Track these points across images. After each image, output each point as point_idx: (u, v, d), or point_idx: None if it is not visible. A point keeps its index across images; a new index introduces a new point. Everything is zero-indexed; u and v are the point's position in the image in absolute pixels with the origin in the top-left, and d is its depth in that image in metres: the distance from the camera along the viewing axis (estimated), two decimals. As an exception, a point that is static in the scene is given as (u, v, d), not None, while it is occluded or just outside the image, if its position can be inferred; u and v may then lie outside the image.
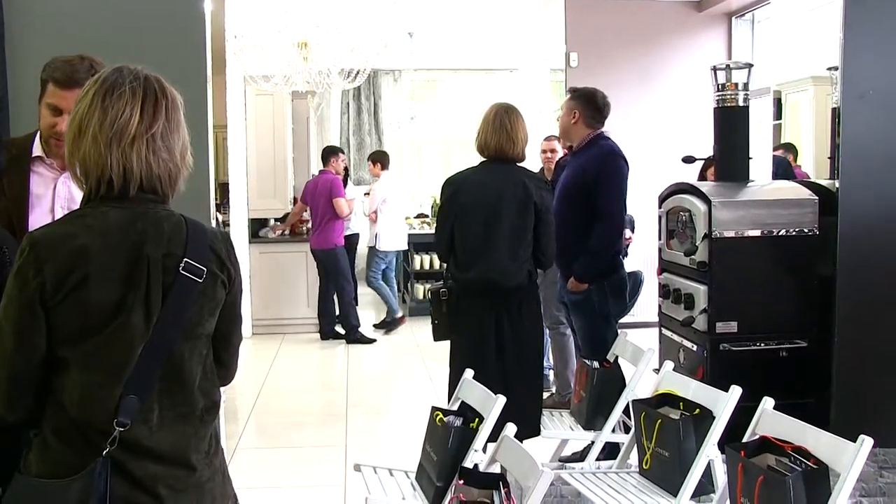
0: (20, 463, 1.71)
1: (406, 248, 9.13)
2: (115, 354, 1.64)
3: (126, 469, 1.64)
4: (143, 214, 1.69)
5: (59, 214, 2.36)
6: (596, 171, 4.19)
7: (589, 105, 4.32)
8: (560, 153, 5.86)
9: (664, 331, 4.23)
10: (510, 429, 2.64)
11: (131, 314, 1.64)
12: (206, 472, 1.75)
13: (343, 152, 8.73)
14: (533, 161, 6.38)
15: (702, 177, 5.89)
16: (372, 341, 7.97)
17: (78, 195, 2.39)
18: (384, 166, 8.54)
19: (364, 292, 9.00)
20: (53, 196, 2.47)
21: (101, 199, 1.68)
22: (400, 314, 8.59)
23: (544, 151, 6.22)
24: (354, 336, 7.93)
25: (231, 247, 1.80)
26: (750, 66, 4.10)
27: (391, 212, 8.49)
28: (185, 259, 1.68)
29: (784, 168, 5.10)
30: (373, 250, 8.51)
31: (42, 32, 3.56)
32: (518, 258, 3.80)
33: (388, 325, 8.47)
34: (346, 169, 8.67)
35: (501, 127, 3.82)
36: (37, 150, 2.48)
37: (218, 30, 4.03)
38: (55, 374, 1.66)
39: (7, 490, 1.69)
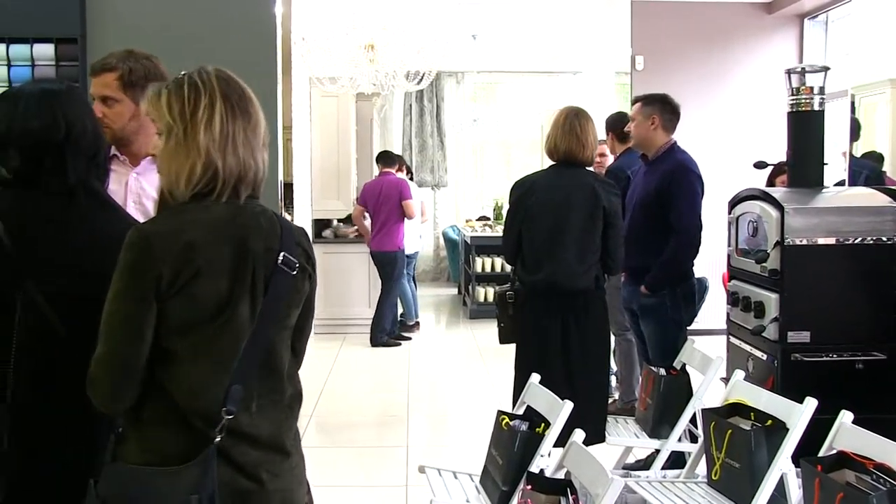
0: (103, 454, 1.76)
1: (418, 251, 9.05)
2: (224, 345, 1.70)
3: (230, 455, 1.70)
4: (242, 209, 1.76)
5: (130, 209, 2.43)
6: (671, 184, 4.19)
7: (666, 110, 4.33)
8: (610, 158, 5.80)
9: (732, 339, 4.15)
10: (578, 434, 2.61)
11: (238, 307, 1.71)
12: (296, 458, 1.84)
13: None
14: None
15: (770, 183, 5.76)
16: (400, 343, 7.99)
17: (150, 190, 2.46)
18: (399, 169, 8.59)
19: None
20: (126, 191, 2.54)
21: (201, 196, 1.73)
22: (415, 320, 8.62)
23: (602, 155, 6.16)
24: (382, 340, 7.96)
25: (310, 242, 1.89)
26: (826, 69, 3.99)
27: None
28: (283, 253, 1.75)
29: (874, 173, 4.93)
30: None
31: (119, 35, 3.65)
32: (585, 262, 3.78)
33: (404, 328, 8.50)
34: (410, 171, 8.71)
35: (571, 130, 3.82)
36: (112, 148, 2.55)
37: (285, 32, 4.08)
38: (161, 365, 1.70)
39: (101, 481, 1.72)
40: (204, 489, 1.64)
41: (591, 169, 3.92)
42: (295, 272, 1.77)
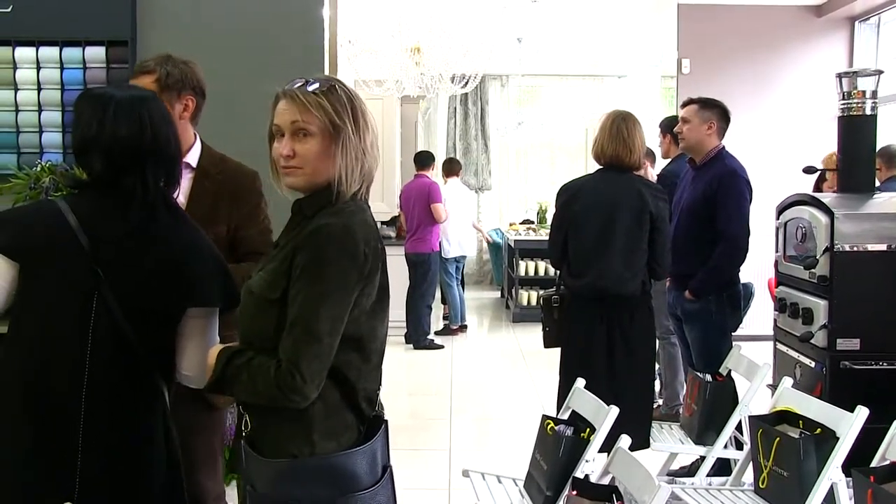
0: (264, 447, 1.83)
1: (469, 254, 9.02)
2: (383, 329, 1.91)
3: None
4: (366, 209, 1.91)
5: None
6: (720, 190, 4.16)
7: (724, 117, 4.35)
8: (650, 171, 5.79)
9: (779, 345, 4.10)
10: (624, 440, 2.60)
11: (386, 293, 1.90)
12: None
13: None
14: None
15: (817, 188, 5.69)
16: (440, 347, 7.97)
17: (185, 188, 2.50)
18: (450, 173, 8.64)
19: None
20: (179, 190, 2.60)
21: (351, 197, 1.86)
22: (461, 324, 8.61)
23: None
24: (424, 342, 7.95)
25: None
26: (879, 72, 3.93)
27: (455, 218, 8.41)
28: (384, 248, 1.90)
29: None
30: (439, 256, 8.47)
31: (169, 37, 3.72)
32: (632, 266, 3.77)
33: (447, 331, 8.50)
34: (454, 172, 8.73)
35: (618, 134, 3.81)
36: None
37: (332, 34, 4.12)
38: (342, 351, 1.80)
39: (267, 481, 1.80)
40: (388, 458, 1.90)
41: (640, 173, 3.90)
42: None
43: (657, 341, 5.27)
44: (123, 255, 1.94)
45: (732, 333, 4.32)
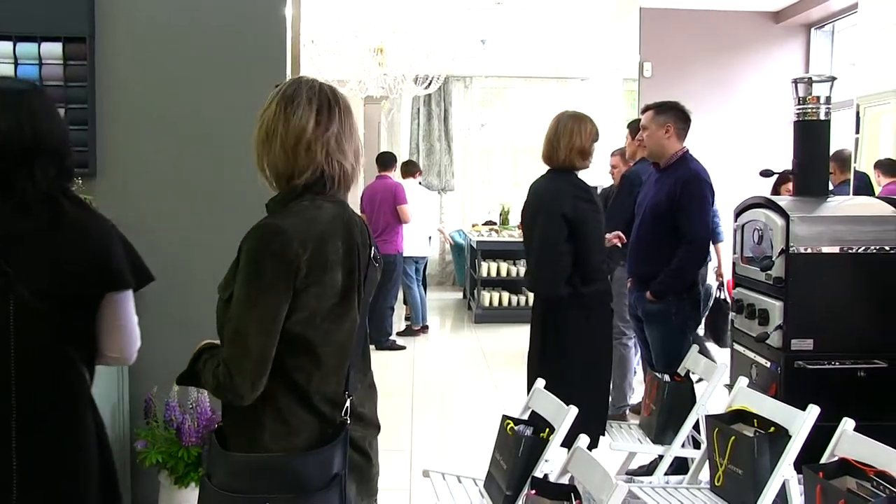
0: (226, 442, 1.87)
1: (428, 255, 8.97)
2: (345, 333, 1.86)
3: (349, 434, 1.87)
4: (343, 207, 1.91)
5: None
6: (683, 193, 4.21)
7: (680, 118, 4.35)
8: (621, 168, 5.82)
9: (736, 346, 4.16)
10: (583, 440, 2.63)
11: (352, 296, 1.86)
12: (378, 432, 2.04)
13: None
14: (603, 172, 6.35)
15: (775, 192, 5.79)
16: (402, 348, 7.97)
17: None
18: (408, 174, 8.65)
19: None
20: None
21: (314, 195, 1.87)
22: (422, 325, 8.62)
23: (613, 166, 6.19)
24: (386, 343, 7.94)
25: None
26: (833, 78, 4.01)
27: (413, 219, 8.36)
28: (372, 247, 1.94)
29: (866, 184, 4.96)
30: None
31: (128, 35, 3.69)
32: (546, 267, 3.78)
33: (409, 332, 8.51)
34: (414, 173, 8.74)
35: (554, 135, 3.86)
36: None
37: (295, 34, 4.10)
38: (292, 354, 1.81)
39: (222, 474, 1.83)
40: (343, 467, 1.83)
41: (577, 173, 3.90)
42: (378, 265, 1.96)
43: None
44: (34, 250, 1.87)
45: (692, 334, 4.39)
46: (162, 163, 3.69)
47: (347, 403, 1.85)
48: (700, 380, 3.96)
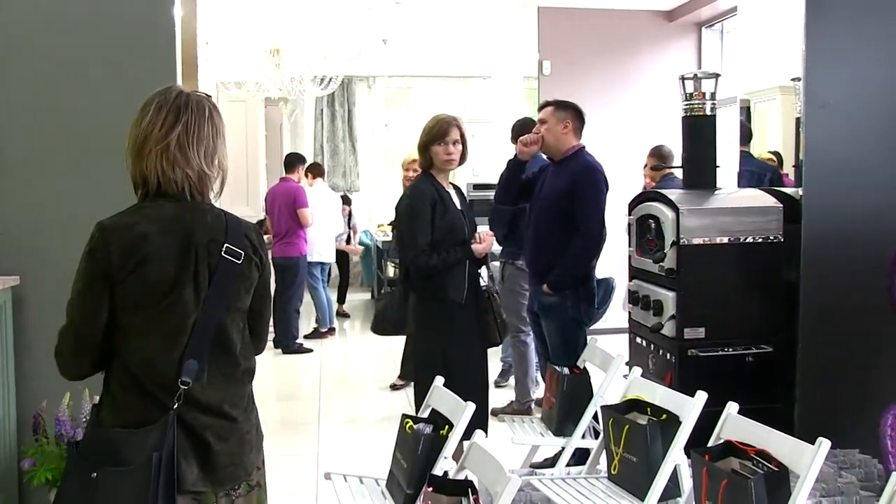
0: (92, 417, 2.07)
1: (331, 261, 8.94)
2: (172, 324, 1.98)
3: (184, 419, 1.98)
4: (191, 208, 2.03)
5: None
6: (578, 185, 4.28)
7: (578, 117, 4.45)
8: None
9: (634, 337, 4.27)
10: (479, 435, 2.65)
11: (183, 290, 1.98)
12: (246, 425, 2.12)
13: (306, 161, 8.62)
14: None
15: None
16: (309, 351, 7.91)
17: None
18: (317, 175, 8.62)
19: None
20: None
21: (157, 196, 2.02)
22: (329, 326, 8.60)
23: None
24: (293, 347, 7.88)
25: (261, 237, 2.17)
26: (717, 75, 4.15)
27: (321, 222, 8.36)
28: (226, 244, 2.03)
29: (776, 175, 5.12)
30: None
31: (7, 34, 3.55)
32: (399, 256, 4.30)
33: (316, 335, 8.47)
34: (318, 175, 8.67)
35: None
36: None
37: (190, 35, 4.02)
38: (122, 340, 1.99)
39: (83, 443, 2.06)
40: (164, 448, 1.92)
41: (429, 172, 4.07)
42: (240, 261, 2.04)
43: (509, 338, 5.44)
44: None
45: (589, 328, 4.46)
46: (44, 166, 3.57)
47: (181, 391, 1.95)
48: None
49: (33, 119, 3.59)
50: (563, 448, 3.69)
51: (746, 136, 5.18)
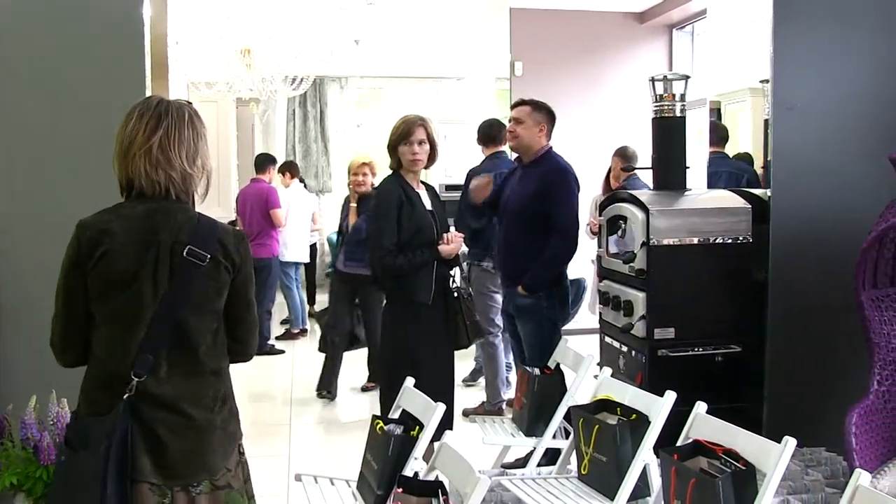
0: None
1: (307, 261, 8.93)
2: (130, 315, 2.08)
3: (137, 410, 2.08)
4: (163, 209, 2.13)
5: None
6: (551, 185, 4.29)
7: (552, 119, 4.48)
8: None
9: (605, 338, 4.28)
10: (448, 436, 2.65)
11: (142, 285, 2.08)
12: (204, 424, 2.16)
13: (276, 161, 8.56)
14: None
15: (606, 186, 6.11)
16: (281, 352, 7.86)
17: None
18: (294, 175, 8.58)
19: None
20: None
21: (136, 197, 2.14)
22: (301, 328, 8.57)
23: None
24: (264, 348, 7.79)
25: (241, 242, 2.21)
26: (687, 77, 4.18)
27: (295, 222, 8.33)
28: (189, 246, 2.09)
29: (754, 176, 5.14)
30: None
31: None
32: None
33: (288, 336, 8.44)
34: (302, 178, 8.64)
35: None
36: None
37: (160, 35, 3.98)
38: (92, 329, 2.14)
39: (67, 428, 2.23)
40: (114, 435, 2.02)
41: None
42: (205, 263, 2.10)
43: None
44: None
45: (562, 328, 4.48)
46: (10, 166, 3.52)
47: (134, 383, 2.05)
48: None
49: (-1, 119, 3.53)
50: (534, 448, 3.70)
51: (723, 137, 5.21)
